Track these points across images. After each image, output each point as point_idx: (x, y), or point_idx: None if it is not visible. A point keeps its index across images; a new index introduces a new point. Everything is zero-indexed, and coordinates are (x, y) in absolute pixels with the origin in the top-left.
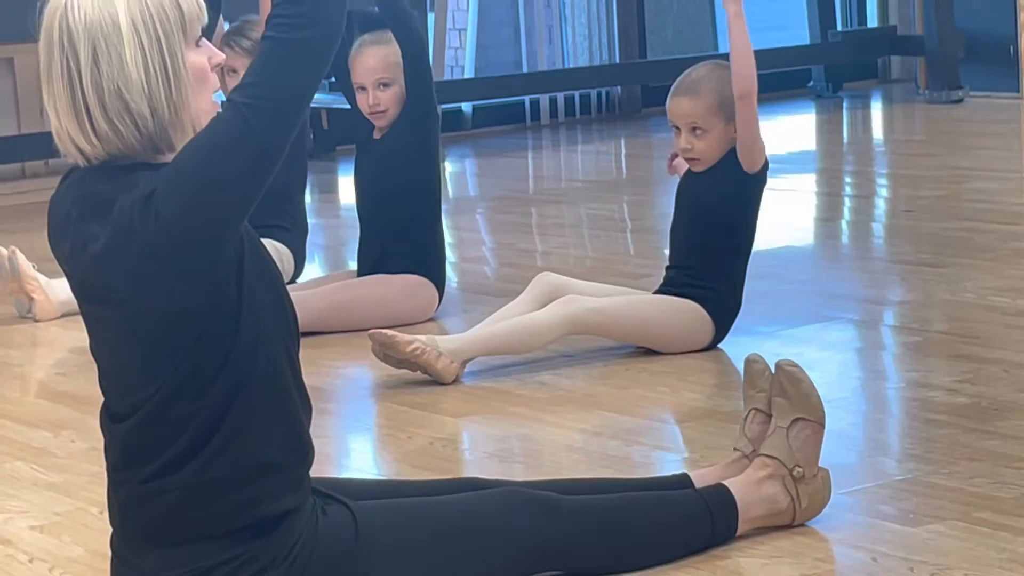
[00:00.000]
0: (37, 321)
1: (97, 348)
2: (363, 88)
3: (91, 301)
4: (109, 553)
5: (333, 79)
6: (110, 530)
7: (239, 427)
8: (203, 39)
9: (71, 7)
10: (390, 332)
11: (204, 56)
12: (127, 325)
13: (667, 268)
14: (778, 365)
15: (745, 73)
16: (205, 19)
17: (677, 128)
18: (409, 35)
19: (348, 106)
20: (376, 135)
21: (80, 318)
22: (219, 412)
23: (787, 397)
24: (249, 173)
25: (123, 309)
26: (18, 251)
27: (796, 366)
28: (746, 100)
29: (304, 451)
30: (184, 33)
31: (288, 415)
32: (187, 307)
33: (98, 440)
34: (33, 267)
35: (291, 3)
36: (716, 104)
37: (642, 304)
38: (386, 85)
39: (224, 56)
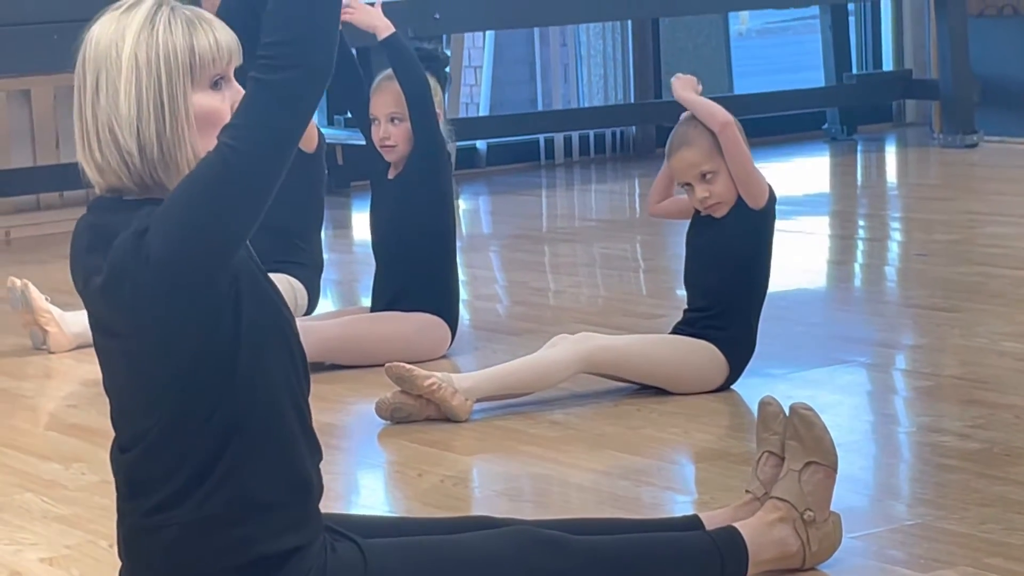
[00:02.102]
0: (51, 353)
1: (105, 380)
2: (376, 120)
3: (100, 332)
4: None
5: (349, 115)
6: (119, 564)
7: (235, 466)
8: (227, 81)
9: (91, 38)
10: (408, 366)
11: (219, 99)
12: (128, 357)
13: (685, 311)
14: (792, 408)
15: (713, 112)
16: (235, 61)
17: (689, 185)
18: (409, 77)
19: (363, 142)
20: (390, 175)
21: (92, 351)
22: (215, 450)
23: (800, 440)
24: (232, 213)
25: (123, 342)
26: (31, 284)
27: (810, 409)
28: (726, 129)
29: (308, 491)
30: (192, 75)
31: (290, 456)
32: (179, 344)
33: (109, 473)
34: (46, 299)
35: (274, 44)
36: (711, 144)
37: (656, 344)
38: (398, 120)
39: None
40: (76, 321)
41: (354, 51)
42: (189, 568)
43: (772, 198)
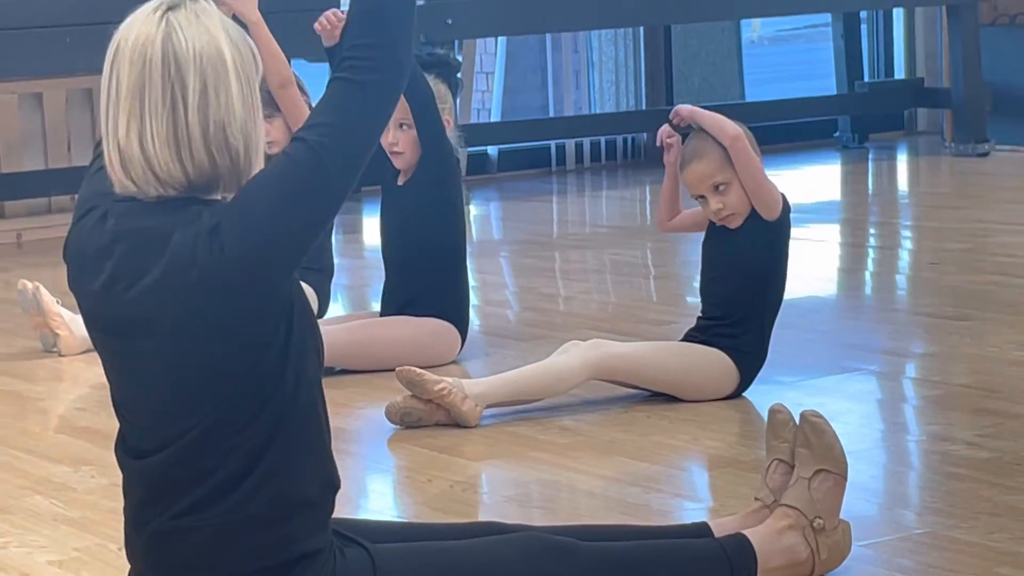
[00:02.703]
0: (61, 356)
1: (124, 385)
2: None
3: (123, 337)
4: None
5: None
6: (128, 567)
7: (278, 465)
8: None
9: (176, 36)
10: (418, 370)
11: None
12: (171, 358)
13: (698, 319)
14: (802, 415)
15: (722, 126)
16: (262, 71)
17: (702, 197)
18: (413, 88)
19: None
20: (400, 181)
21: None
22: (259, 448)
23: (810, 448)
24: (317, 211)
25: (170, 341)
26: (41, 287)
27: (820, 417)
28: (737, 142)
29: (334, 489)
30: (259, 79)
31: (322, 455)
32: (240, 340)
33: (119, 476)
34: (57, 302)
35: (364, 47)
36: (723, 156)
37: (667, 351)
38: (406, 126)
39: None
40: None
41: None
42: (222, 569)
43: (786, 208)
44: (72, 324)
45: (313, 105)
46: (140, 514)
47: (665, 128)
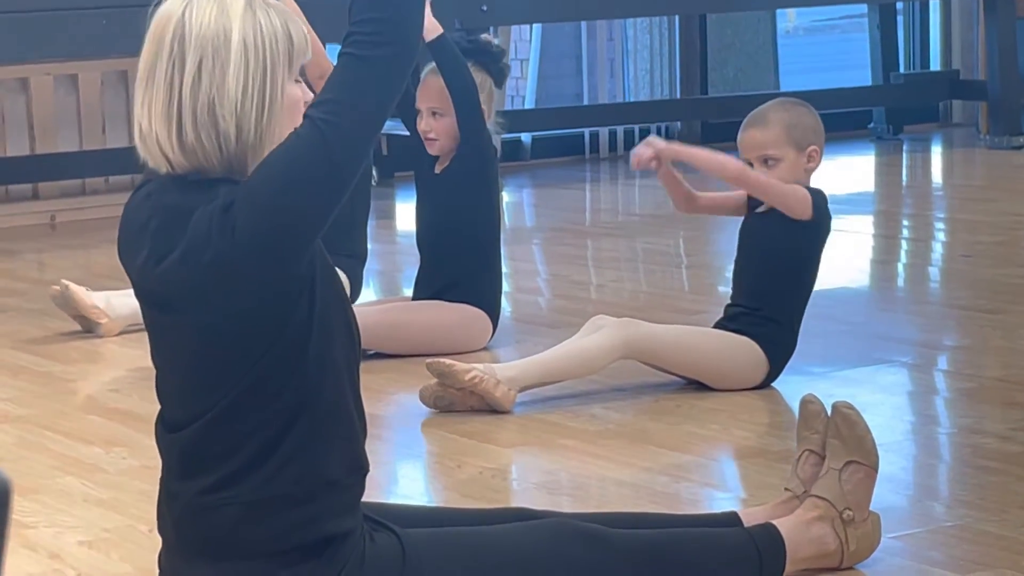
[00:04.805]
0: (102, 337)
1: (160, 357)
2: (420, 113)
3: (161, 310)
4: (157, 571)
5: None
6: (158, 548)
7: (303, 443)
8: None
9: (189, 15)
10: (448, 361)
11: (300, 90)
12: (197, 334)
13: (727, 307)
14: (834, 407)
15: (721, 167)
16: (309, 55)
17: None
18: (456, 78)
19: (407, 132)
20: (437, 169)
21: (138, 335)
22: (283, 426)
23: (841, 439)
24: (324, 188)
25: (194, 318)
26: (70, 284)
27: (852, 408)
28: (743, 181)
29: (362, 472)
30: (289, 64)
31: (349, 434)
32: (258, 319)
33: (150, 458)
34: (87, 291)
35: (370, 21)
36: (785, 131)
37: (699, 336)
38: (439, 114)
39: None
40: (123, 304)
41: None
42: (250, 547)
43: (820, 205)
44: (109, 309)
45: None
46: (171, 488)
47: (639, 161)
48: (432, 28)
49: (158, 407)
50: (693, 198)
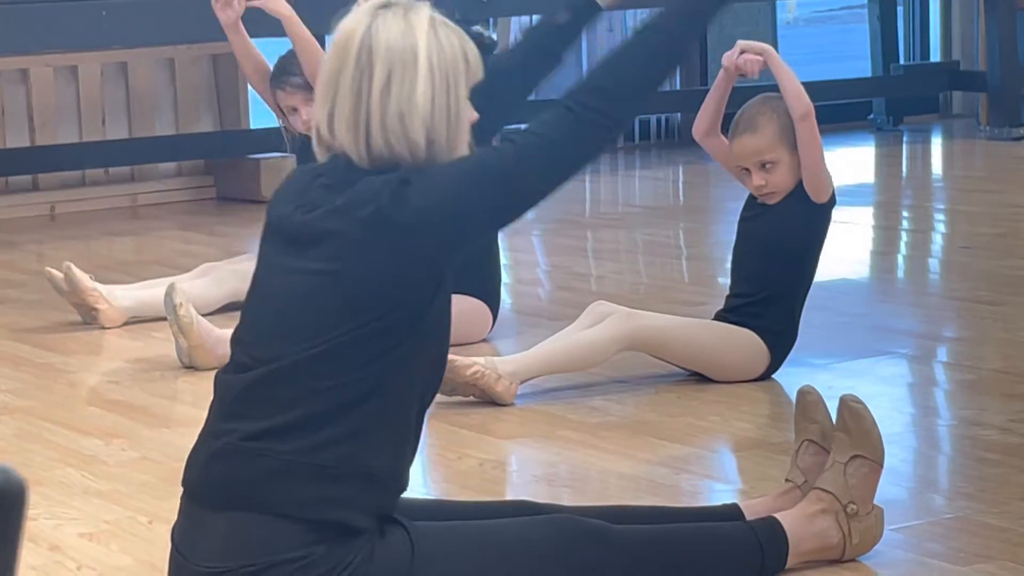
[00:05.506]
0: (103, 328)
1: (259, 295)
2: None
3: (287, 247)
4: (160, 558)
5: None
6: (159, 540)
7: (361, 426)
8: None
9: (376, 29)
10: (449, 355)
11: (471, 108)
12: (307, 279)
13: (727, 298)
14: (842, 400)
15: (799, 95)
16: (480, 75)
17: (746, 169)
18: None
19: None
20: None
21: (141, 329)
22: (350, 401)
23: (848, 433)
24: (496, 207)
25: (317, 264)
26: (73, 266)
27: (860, 402)
28: (807, 120)
29: (397, 482)
30: (467, 83)
31: (401, 442)
32: (381, 286)
33: (150, 450)
34: (91, 277)
35: (603, 90)
36: (778, 133)
37: (700, 328)
38: None
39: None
40: (125, 295)
41: None
42: (269, 504)
43: (833, 195)
44: (110, 297)
45: None
46: (216, 427)
47: (732, 59)
48: None
49: (158, 400)
50: (715, 128)
